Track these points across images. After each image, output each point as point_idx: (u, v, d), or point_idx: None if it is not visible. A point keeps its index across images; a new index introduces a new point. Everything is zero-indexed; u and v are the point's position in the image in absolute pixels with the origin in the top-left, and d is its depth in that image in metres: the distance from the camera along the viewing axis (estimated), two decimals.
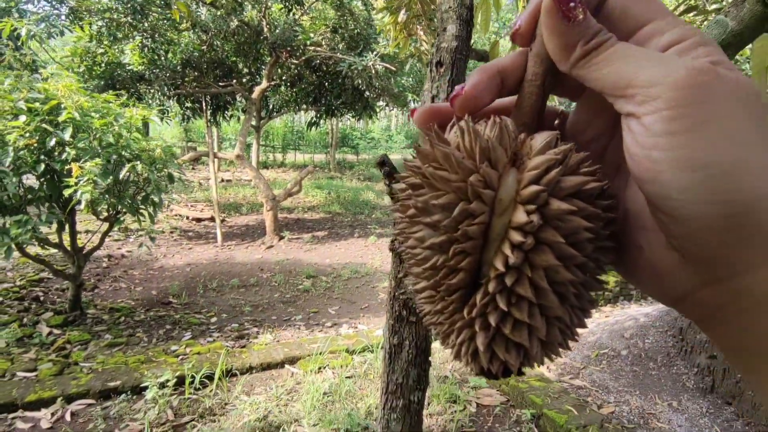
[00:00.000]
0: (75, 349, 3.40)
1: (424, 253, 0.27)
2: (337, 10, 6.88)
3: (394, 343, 1.68)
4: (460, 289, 0.27)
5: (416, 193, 0.27)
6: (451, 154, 0.25)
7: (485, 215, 0.25)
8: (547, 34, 0.26)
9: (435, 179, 0.26)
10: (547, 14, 0.25)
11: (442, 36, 1.54)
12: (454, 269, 0.26)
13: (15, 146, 2.94)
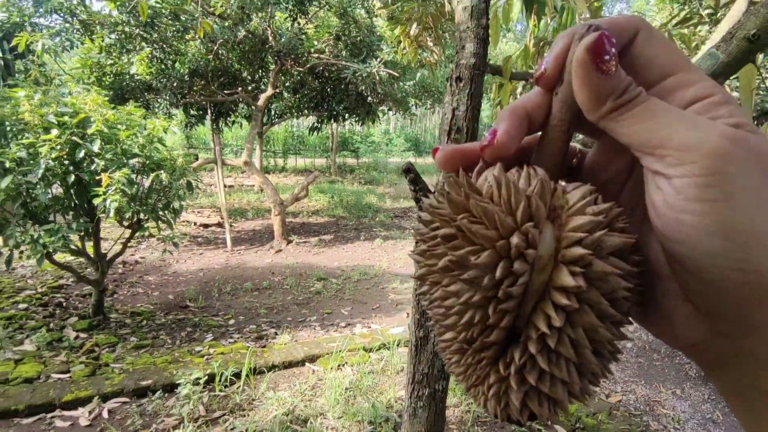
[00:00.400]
0: (103, 351, 3.54)
1: (458, 307, 0.26)
2: (340, 19, 7.05)
3: (420, 336, 1.82)
4: (495, 345, 0.27)
5: (450, 246, 0.26)
6: (492, 212, 0.25)
7: (527, 275, 0.24)
8: (578, 85, 0.25)
9: (472, 234, 0.25)
10: (580, 65, 0.25)
11: (461, 53, 1.69)
12: (491, 327, 0.26)
13: (46, 158, 3.09)
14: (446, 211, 0.27)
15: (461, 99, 1.71)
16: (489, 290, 0.25)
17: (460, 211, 0.26)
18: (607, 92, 0.25)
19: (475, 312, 0.26)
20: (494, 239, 0.25)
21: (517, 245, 0.24)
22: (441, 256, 0.26)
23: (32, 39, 4.90)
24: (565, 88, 0.27)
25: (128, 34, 5.90)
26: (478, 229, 0.25)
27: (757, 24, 0.81)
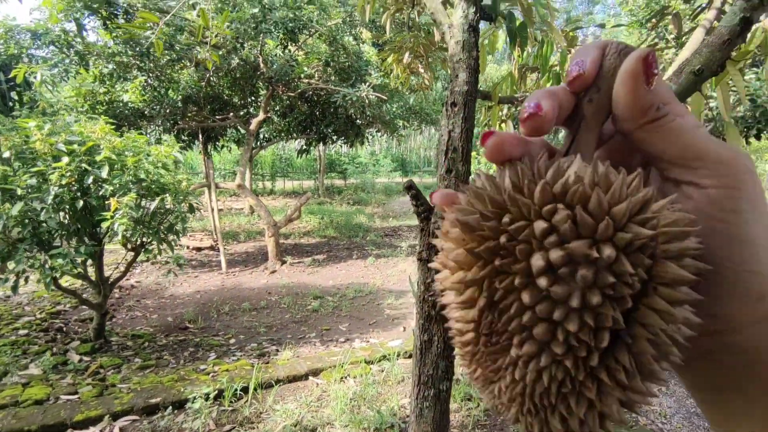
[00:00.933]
0: (109, 373, 3.60)
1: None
2: (329, 45, 7.34)
3: (425, 340, 1.98)
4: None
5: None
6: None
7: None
8: (624, 93, 0.26)
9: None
10: (631, 75, 0.25)
11: (455, 81, 1.90)
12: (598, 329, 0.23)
13: (56, 185, 3.21)
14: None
15: (456, 122, 1.91)
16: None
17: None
18: (649, 104, 0.26)
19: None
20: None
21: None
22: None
23: (31, 70, 5.03)
24: (603, 95, 0.28)
25: (125, 64, 6.07)
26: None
27: (701, 61, 1.02)
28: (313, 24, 6.92)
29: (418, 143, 26.17)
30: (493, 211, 0.25)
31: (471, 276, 0.25)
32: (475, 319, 0.26)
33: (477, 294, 0.26)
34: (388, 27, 2.66)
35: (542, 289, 0.23)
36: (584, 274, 0.22)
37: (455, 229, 0.26)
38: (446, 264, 0.27)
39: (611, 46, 0.28)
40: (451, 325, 0.29)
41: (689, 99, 1.09)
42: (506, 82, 2.50)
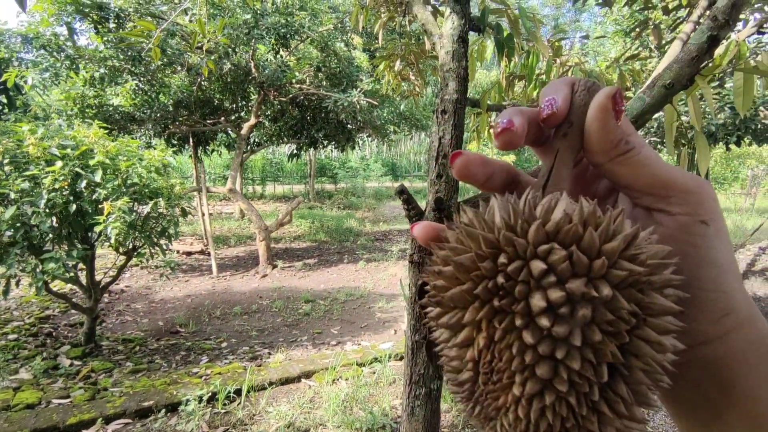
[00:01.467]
0: (100, 376, 3.60)
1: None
2: (321, 51, 7.41)
3: (416, 340, 2.03)
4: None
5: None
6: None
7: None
8: (596, 128, 0.27)
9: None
10: (601, 110, 0.26)
11: (445, 90, 1.97)
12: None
13: (49, 189, 3.22)
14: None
15: (446, 129, 1.97)
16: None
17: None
18: (618, 139, 0.27)
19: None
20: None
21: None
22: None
23: (22, 74, 5.02)
24: (575, 129, 0.29)
25: (116, 68, 6.08)
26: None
27: (671, 76, 1.10)
28: (304, 30, 6.99)
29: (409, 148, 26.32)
30: (488, 251, 0.25)
31: (469, 316, 0.25)
32: (473, 358, 0.26)
33: (475, 334, 0.26)
34: (380, 36, 2.73)
35: (543, 329, 0.23)
36: (584, 313, 0.23)
37: (448, 268, 0.26)
38: (440, 302, 0.27)
39: (579, 83, 0.29)
40: (445, 363, 0.29)
41: (663, 111, 1.17)
42: (494, 90, 2.59)
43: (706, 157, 1.17)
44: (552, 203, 0.26)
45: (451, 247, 0.27)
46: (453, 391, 0.29)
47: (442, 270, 0.27)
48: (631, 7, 3.17)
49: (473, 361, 0.26)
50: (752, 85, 1.19)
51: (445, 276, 0.27)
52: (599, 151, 0.28)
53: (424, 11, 2.05)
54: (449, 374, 0.29)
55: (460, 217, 0.29)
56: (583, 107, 0.29)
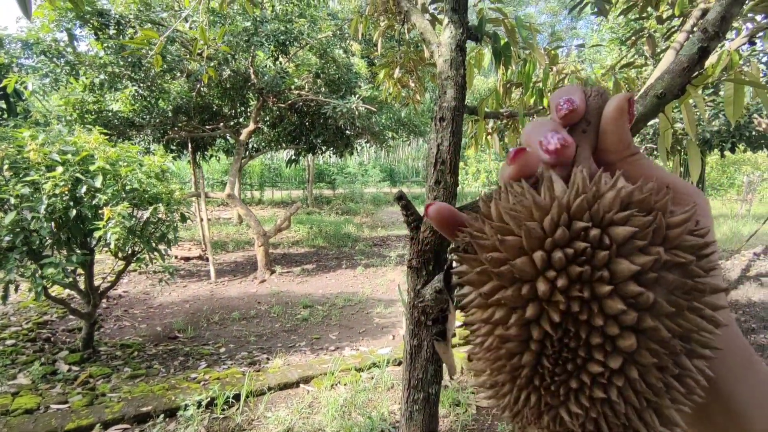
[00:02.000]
0: (98, 382, 3.59)
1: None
2: (320, 58, 7.46)
3: (415, 345, 2.05)
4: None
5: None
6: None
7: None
8: (612, 128, 0.28)
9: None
10: (619, 111, 0.28)
11: (443, 98, 2.00)
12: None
13: (49, 194, 3.24)
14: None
15: (445, 136, 2.00)
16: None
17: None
18: (630, 140, 0.29)
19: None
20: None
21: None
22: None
23: (23, 80, 5.05)
24: (593, 128, 0.30)
25: (116, 74, 6.11)
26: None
27: (663, 86, 1.14)
28: (303, 37, 7.04)
29: (407, 154, 26.40)
30: (561, 218, 0.24)
31: (543, 287, 0.23)
32: (540, 337, 0.23)
33: (545, 308, 0.23)
34: (379, 44, 2.77)
35: (630, 296, 0.22)
36: (673, 279, 0.22)
37: (512, 237, 0.24)
38: (499, 275, 0.24)
39: (591, 89, 0.31)
40: (487, 348, 0.26)
41: (658, 120, 1.21)
42: (492, 97, 2.62)
43: (697, 165, 1.20)
44: (607, 180, 0.25)
45: (511, 216, 0.25)
46: (493, 384, 0.26)
47: (505, 239, 0.24)
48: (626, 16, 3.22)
49: (539, 341, 0.24)
50: (742, 95, 1.22)
51: (507, 245, 0.24)
52: (613, 151, 0.29)
53: (423, 20, 2.08)
54: (487, 364, 0.26)
55: (491, 203, 0.27)
56: (597, 110, 0.30)
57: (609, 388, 0.22)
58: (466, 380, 3.66)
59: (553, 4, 33.29)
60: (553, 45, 2.55)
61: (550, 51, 2.85)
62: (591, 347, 0.22)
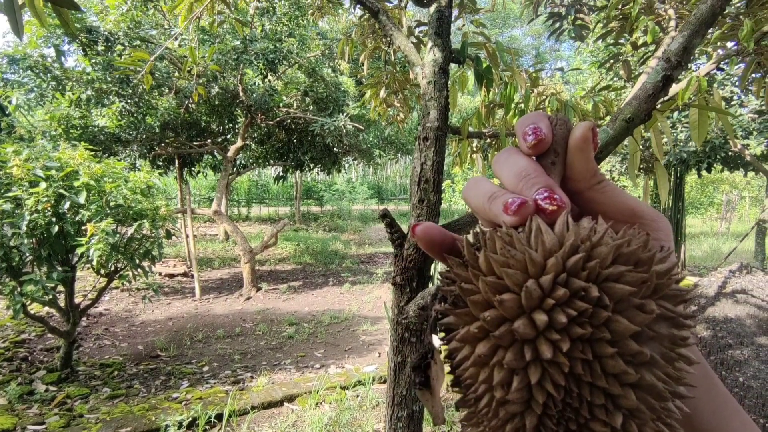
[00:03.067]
0: (76, 402, 3.51)
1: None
2: (308, 76, 7.55)
3: (398, 361, 2.06)
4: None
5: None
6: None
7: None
8: (579, 157, 0.29)
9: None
10: (584, 140, 0.29)
11: (426, 118, 2.05)
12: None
13: (31, 210, 3.20)
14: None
15: (428, 155, 2.05)
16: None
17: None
18: (595, 167, 0.30)
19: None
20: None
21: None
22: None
23: (7, 94, 5.02)
24: (561, 159, 0.30)
25: (103, 90, 6.11)
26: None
27: (631, 111, 1.20)
28: (292, 56, 7.13)
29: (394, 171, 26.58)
30: (558, 275, 0.23)
31: (546, 349, 0.22)
32: (542, 400, 0.23)
33: (548, 368, 0.23)
34: (366, 65, 2.83)
35: (630, 353, 0.22)
36: (669, 332, 0.23)
37: (509, 296, 0.23)
38: (497, 337, 0.23)
39: (555, 117, 0.31)
40: (485, 407, 0.25)
41: (627, 143, 1.26)
42: (475, 117, 2.69)
43: (665, 185, 1.25)
44: (593, 226, 0.25)
45: (505, 273, 0.24)
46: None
47: (503, 300, 0.23)
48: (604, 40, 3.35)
49: (542, 404, 0.23)
50: (706, 119, 1.29)
51: (506, 306, 0.23)
52: (581, 179, 0.30)
53: (407, 43, 2.15)
54: (485, 419, 0.25)
55: (479, 252, 0.26)
56: (563, 139, 0.30)
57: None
58: (450, 398, 3.65)
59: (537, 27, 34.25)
60: (535, 67, 2.65)
61: (531, 74, 2.95)
62: (594, 407, 0.22)
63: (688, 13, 2.45)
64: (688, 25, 1.12)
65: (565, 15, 3.45)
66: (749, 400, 3.05)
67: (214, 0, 2.76)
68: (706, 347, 3.47)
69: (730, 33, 2.09)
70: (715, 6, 1.07)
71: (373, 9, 2.11)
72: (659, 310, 0.23)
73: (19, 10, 1.22)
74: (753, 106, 4.94)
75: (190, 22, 2.79)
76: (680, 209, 6.43)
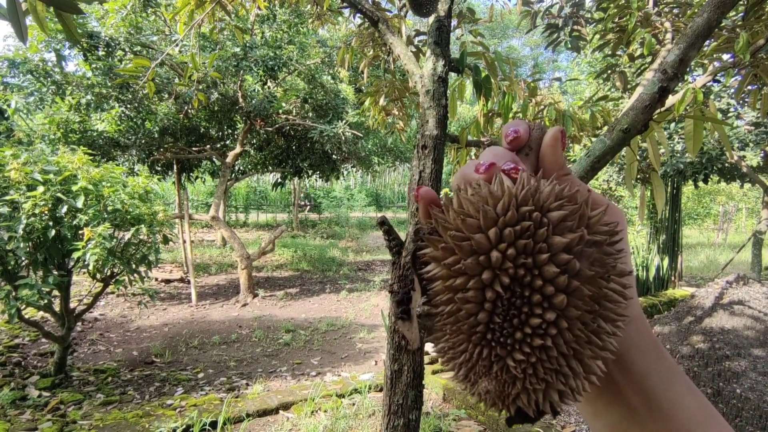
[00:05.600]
0: (69, 409, 3.47)
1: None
2: (308, 83, 7.59)
3: (395, 369, 2.05)
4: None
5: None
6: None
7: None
8: (550, 152, 0.35)
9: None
10: (554, 138, 0.35)
11: (425, 126, 2.06)
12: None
13: (28, 213, 3.19)
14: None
15: (426, 163, 2.05)
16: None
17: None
18: (563, 162, 0.36)
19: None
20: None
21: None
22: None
23: (6, 98, 5.02)
24: (533, 154, 0.37)
25: (103, 95, 6.12)
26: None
27: (628, 122, 1.21)
28: (292, 63, 7.17)
29: (392, 179, 26.62)
30: (511, 202, 0.29)
31: (495, 257, 0.28)
32: (493, 298, 0.28)
33: (498, 273, 0.28)
34: (366, 74, 2.85)
35: (562, 262, 0.27)
36: (592, 252, 0.28)
37: (471, 219, 0.29)
38: (460, 248, 0.29)
39: (534, 123, 0.38)
40: (448, 314, 0.30)
41: (624, 153, 1.27)
42: (473, 126, 2.71)
43: (661, 195, 1.26)
44: (544, 180, 0.31)
45: (470, 202, 0.30)
46: (452, 345, 0.31)
47: (465, 220, 0.29)
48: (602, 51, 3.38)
49: (492, 302, 0.28)
50: (701, 131, 1.30)
51: (467, 225, 0.29)
52: (551, 170, 0.36)
53: (407, 52, 2.16)
54: (447, 327, 0.30)
55: (453, 197, 0.32)
56: (538, 140, 0.37)
57: (545, 337, 0.27)
58: (447, 407, 3.63)
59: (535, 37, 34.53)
60: (533, 77, 2.67)
61: (529, 83, 2.97)
62: (532, 304, 0.27)
63: (684, 25, 2.48)
64: (684, 38, 1.14)
65: (562, 26, 3.49)
66: (746, 411, 3.04)
67: (215, 7, 2.78)
68: (703, 358, 3.46)
69: (725, 45, 2.12)
70: (711, 19, 1.08)
71: (372, 18, 2.13)
72: (589, 236, 0.28)
73: (23, 15, 1.23)
74: (749, 117, 4.97)
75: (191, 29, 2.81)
76: (677, 220, 6.45)
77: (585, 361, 0.28)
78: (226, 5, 2.75)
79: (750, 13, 1.92)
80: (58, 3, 1.26)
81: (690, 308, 4.17)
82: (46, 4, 1.36)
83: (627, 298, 0.30)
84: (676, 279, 6.86)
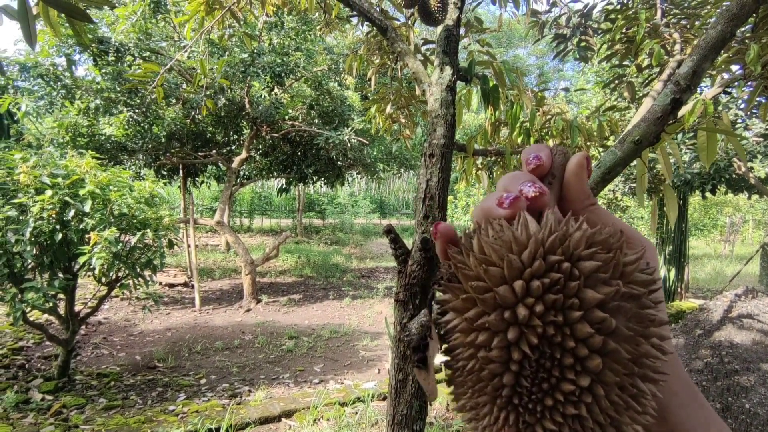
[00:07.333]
0: (72, 413, 3.46)
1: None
2: (314, 90, 7.63)
3: (400, 379, 2.03)
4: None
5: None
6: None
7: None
8: (575, 181, 0.33)
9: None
10: (580, 166, 0.33)
11: (433, 135, 2.05)
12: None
13: (36, 217, 3.21)
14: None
15: (434, 172, 2.05)
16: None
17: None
18: (589, 191, 0.33)
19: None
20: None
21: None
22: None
23: (16, 101, 5.07)
24: (557, 183, 0.34)
25: (112, 100, 6.17)
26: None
27: (639, 133, 1.20)
28: (299, 69, 7.21)
29: (397, 186, 26.64)
30: (537, 252, 0.27)
31: (522, 312, 0.25)
32: (518, 358, 0.25)
33: (524, 332, 0.25)
34: (373, 82, 2.86)
35: (596, 321, 0.24)
36: (630, 307, 0.26)
37: (494, 268, 0.27)
38: (482, 302, 0.27)
39: (555, 147, 0.35)
40: (469, 371, 0.28)
41: (635, 165, 1.26)
42: (480, 135, 2.70)
43: (674, 207, 1.25)
44: (573, 222, 0.28)
45: (493, 249, 0.27)
46: (473, 405, 0.28)
47: (488, 269, 0.27)
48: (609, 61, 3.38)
49: (518, 362, 0.26)
50: (715, 142, 1.29)
51: (491, 275, 0.27)
52: (575, 200, 0.34)
53: (415, 61, 2.16)
54: (469, 385, 0.28)
55: (473, 239, 0.30)
56: (561, 165, 0.34)
57: (579, 405, 0.25)
58: (451, 418, 3.59)
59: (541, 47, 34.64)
60: (540, 87, 2.66)
61: (537, 93, 2.97)
62: (564, 367, 0.25)
63: (693, 36, 2.47)
64: (697, 50, 1.13)
65: (570, 36, 3.49)
66: (755, 427, 2.99)
67: (224, 14, 2.80)
68: (712, 372, 3.41)
69: (735, 57, 2.11)
70: (725, 32, 1.07)
71: (381, 26, 2.13)
72: (625, 288, 0.26)
73: (33, 18, 1.24)
74: (758, 129, 4.95)
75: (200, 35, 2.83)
76: (684, 231, 6.40)
77: (622, 428, 0.26)
78: (235, 12, 2.77)
79: (759, 26, 1.92)
80: (70, 11, 1.27)
81: (698, 321, 4.12)
82: (59, 11, 1.37)
83: (666, 353, 0.27)
84: (683, 291, 6.80)
